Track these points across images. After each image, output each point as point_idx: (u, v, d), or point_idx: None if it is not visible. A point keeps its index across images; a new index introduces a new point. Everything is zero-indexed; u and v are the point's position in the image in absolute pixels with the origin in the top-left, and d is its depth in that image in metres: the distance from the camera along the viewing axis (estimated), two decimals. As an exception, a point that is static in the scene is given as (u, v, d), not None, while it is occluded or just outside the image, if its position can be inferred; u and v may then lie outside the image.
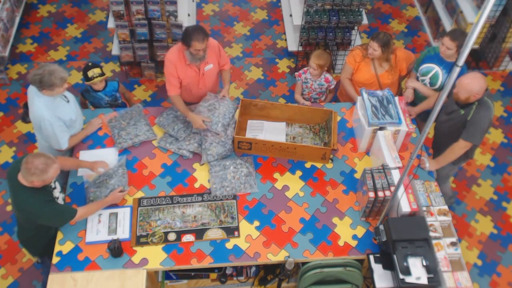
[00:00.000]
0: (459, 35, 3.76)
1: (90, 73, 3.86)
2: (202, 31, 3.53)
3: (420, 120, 4.16)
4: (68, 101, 3.55)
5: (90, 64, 3.91)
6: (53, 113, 3.38)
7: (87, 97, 4.07)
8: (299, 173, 3.70)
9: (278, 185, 3.62)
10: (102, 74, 3.90)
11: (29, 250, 3.53)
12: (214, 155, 3.64)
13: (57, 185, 3.25)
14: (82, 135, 3.74)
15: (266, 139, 3.72)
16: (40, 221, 3.07)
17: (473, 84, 3.38)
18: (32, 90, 3.41)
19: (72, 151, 3.73)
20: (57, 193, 3.21)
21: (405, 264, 2.90)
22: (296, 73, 4.40)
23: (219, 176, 3.55)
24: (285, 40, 5.94)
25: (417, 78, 4.09)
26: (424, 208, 3.24)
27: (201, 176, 3.64)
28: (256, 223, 3.40)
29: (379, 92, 3.77)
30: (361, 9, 5.10)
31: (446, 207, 3.26)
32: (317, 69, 4.18)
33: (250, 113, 3.98)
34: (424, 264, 2.90)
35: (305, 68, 4.34)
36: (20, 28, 5.77)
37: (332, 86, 4.37)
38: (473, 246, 4.40)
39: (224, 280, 3.70)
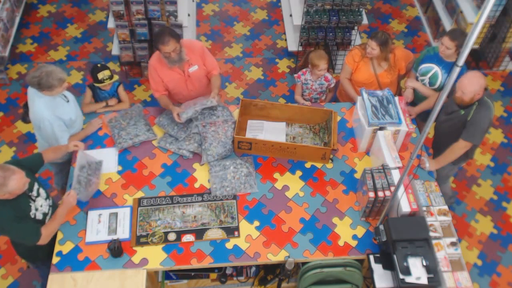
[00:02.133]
0: (458, 35, 3.76)
1: (101, 75, 3.79)
2: (166, 33, 3.52)
3: (420, 120, 4.16)
4: (68, 101, 3.55)
5: (99, 65, 3.83)
6: (53, 113, 3.38)
7: (92, 90, 4.03)
8: (299, 173, 3.70)
9: (278, 185, 3.62)
10: (111, 76, 3.85)
11: (21, 256, 3.48)
12: (214, 155, 3.64)
13: (41, 191, 3.15)
14: (82, 135, 3.74)
15: (266, 139, 3.72)
16: (5, 235, 3.01)
17: (473, 84, 3.38)
18: (32, 90, 3.41)
19: (72, 151, 3.73)
20: (40, 201, 3.12)
21: (405, 264, 2.90)
22: (295, 74, 4.40)
23: (219, 176, 3.55)
24: (285, 40, 5.94)
25: (416, 78, 4.09)
26: (424, 208, 3.24)
27: (201, 176, 3.64)
28: (256, 223, 3.40)
29: (379, 92, 3.77)
30: (361, 9, 5.11)
31: (446, 207, 3.26)
32: (326, 69, 4.18)
33: (250, 113, 3.97)
34: (424, 264, 2.90)
35: (304, 70, 4.34)
36: (20, 28, 5.78)
37: (332, 85, 4.37)
38: (473, 246, 4.40)
39: (224, 280, 3.70)
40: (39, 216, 3.10)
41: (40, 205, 3.11)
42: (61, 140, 3.50)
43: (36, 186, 3.12)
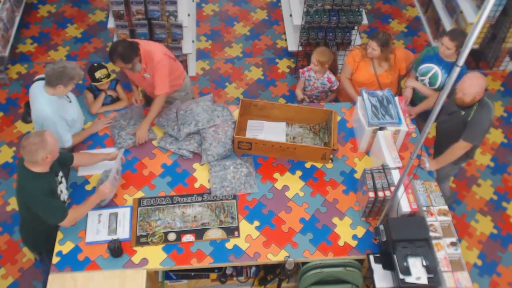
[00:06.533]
0: (458, 35, 3.76)
1: (98, 74, 3.83)
2: (113, 54, 3.56)
3: (420, 120, 4.15)
4: (70, 101, 3.57)
5: (96, 64, 3.88)
6: (57, 112, 3.39)
7: (91, 92, 4.04)
8: (299, 173, 3.70)
9: (278, 185, 3.62)
10: (109, 75, 3.88)
11: (28, 246, 3.53)
12: (214, 155, 3.64)
13: (64, 180, 3.25)
14: (86, 134, 3.74)
15: (266, 139, 3.71)
16: (33, 207, 3.05)
17: (474, 85, 3.39)
18: (35, 89, 3.41)
19: (72, 151, 3.73)
20: (63, 187, 3.21)
21: (405, 264, 2.90)
22: (300, 70, 4.41)
23: (219, 176, 3.55)
24: (285, 40, 5.94)
25: (416, 78, 4.09)
26: (424, 208, 3.24)
27: (201, 176, 3.64)
28: (256, 223, 3.40)
29: (379, 92, 3.77)
30: (361, 9, 5.10)
31: (446, 207, 3.26)
32: (317, 65, 4.18)
33: (250, 113, 3.97)
34: (424, 264, 2.90)
35: (309, 66, 4.35)
36: (20, 28, 5.77)
37: (335, 87, 4.37)
38: (473, 246, 4.40)
39: (224, 280, 3.69)
40: (61, 198, 3.18)
41: (62, 191, 3.19)
42: (64, 139, 3.50)
43: (61, 173, 3.22)
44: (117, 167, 3.41)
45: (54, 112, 3.36)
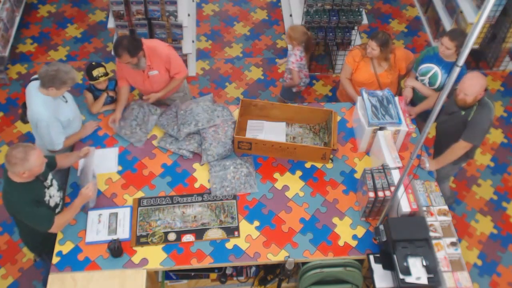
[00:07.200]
0: (458, 35, 3.76)
1: (96, 72, 3.83)
2: (121, 46, 3.55)
3: (420, 120, 4.15)
4: (66, 101, 3.55)
5: (94, 63, 3.88)
6: (51, 114, 3.37)
7: (91, 92, 4.05)
8: (299, 173, 3.70)
9: (278, 185, 3.62)
10: (106, 74, 3.88)
11: (28, 247, 3.53)
12: (214, 155, 3.64)
13: (54, 183, 3.23)
14: (76, 138, 3.71)
15: (266, 139, 3.72)
16: (18, 217, 3.06)
17: (474, 85, 3.39)
18: (31, 90, 3.40)
19: (72, 151, 3.73)
20: (53, 191, 3.19)
21: (405, 264, 2.91)
22: None
23: (219, 176, 3.55)
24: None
25: (416, 78, 4.09)
26: (424, 208, 3.24)
27: (201, 176, 3.64)
28: (256, 223, 3.40)
29: (379, 92, 3.77)
30: (361, 9, 5.10)
31: (446, 207, 3.26)
32: (287, 37, 4.35)
33: (250, 113, 3.98)
34: (424, 264, 2.90)
35: None
36: (20, 28, 5.77)
37: (287, 67, 4.51)
38: (473, 246, 4.40)
39: (224, 280, 3.70)
40: (52, 203, 3.16)
41: (53, 194, 3.17)
42: (56, 142, 3.49)
43: (50, 176, 3.20)
44: (91, 166, 3.40)
45: (49, 113, 3.36)
